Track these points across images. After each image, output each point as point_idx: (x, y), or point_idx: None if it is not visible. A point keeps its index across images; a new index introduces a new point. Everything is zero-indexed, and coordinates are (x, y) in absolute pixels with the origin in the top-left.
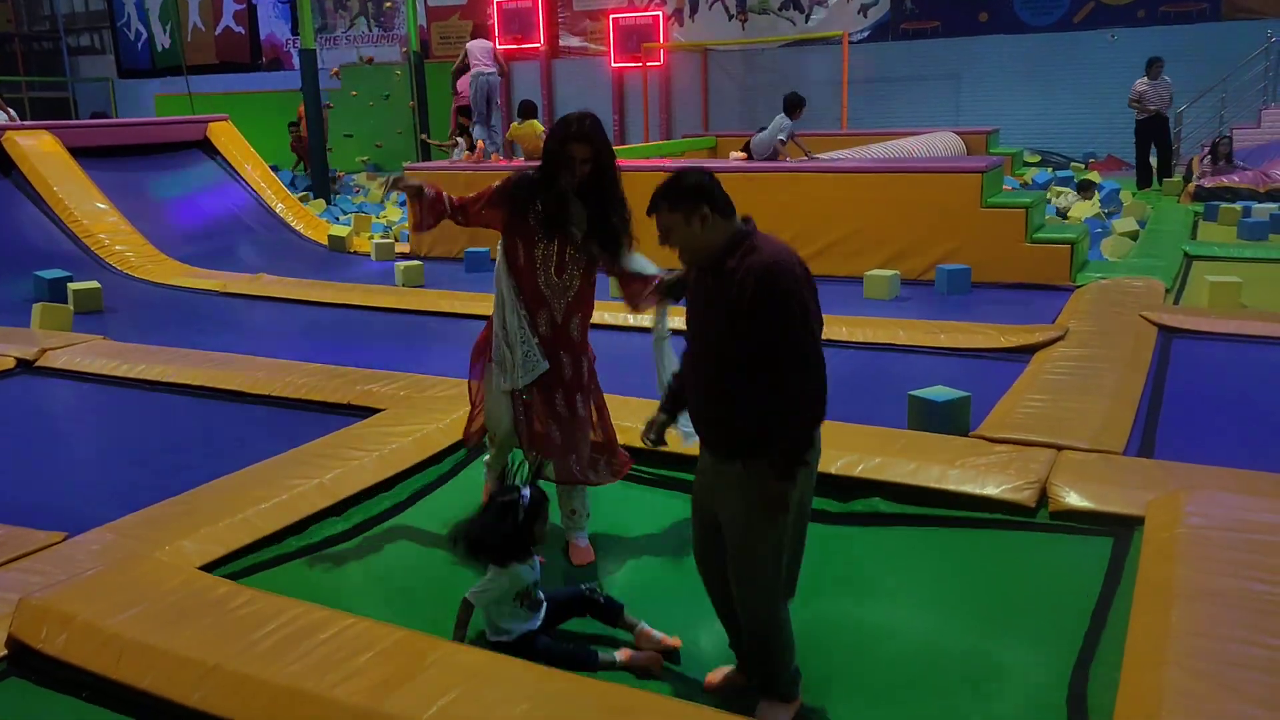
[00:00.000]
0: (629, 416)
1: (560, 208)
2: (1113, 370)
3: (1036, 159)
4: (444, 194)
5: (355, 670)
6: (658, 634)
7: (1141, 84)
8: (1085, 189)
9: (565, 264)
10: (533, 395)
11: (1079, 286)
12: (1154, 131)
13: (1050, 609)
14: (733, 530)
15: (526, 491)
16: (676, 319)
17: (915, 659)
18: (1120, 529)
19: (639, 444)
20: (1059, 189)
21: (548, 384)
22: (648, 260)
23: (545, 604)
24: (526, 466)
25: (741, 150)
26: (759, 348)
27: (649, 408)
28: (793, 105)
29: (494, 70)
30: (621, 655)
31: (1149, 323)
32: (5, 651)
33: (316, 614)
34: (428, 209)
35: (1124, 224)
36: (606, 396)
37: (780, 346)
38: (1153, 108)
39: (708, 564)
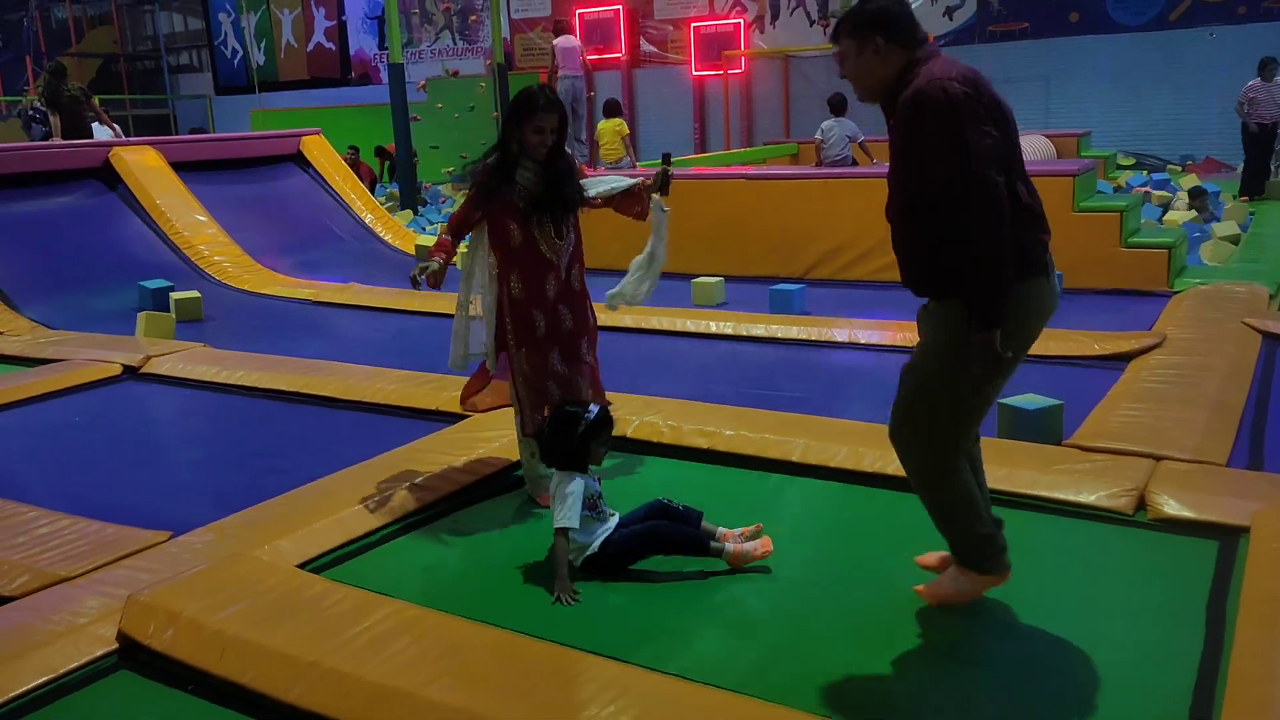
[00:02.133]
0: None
1: (535, 179)
2: (1214, 379)
3: (1130, 162)
4: (444, 240)
5: (447, 669)
6: (747, 545)
7: (1253, 87)
8: (1197, 196)
9: (560, 224)
10: (541, 364)
11: (1177, 292)
12: (1270, 138)
13: (1156, 617)
14: (914, 369)
15: (594, 409)
16: None
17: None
18: (1225, 539)
19: None
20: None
21: (549, 344)
22: (611, 178)
23: (615, 516)
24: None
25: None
26: (916, 185)
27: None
28: (837, 106)
29: (579, 74)
30: (730, 547)
31: (1252, 330)
32: (116, 646)
33: (409, 612)
34: (441, 257)
35: (1224, 228)
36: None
37: (932, 183)
38: (1267, 114)
39: None
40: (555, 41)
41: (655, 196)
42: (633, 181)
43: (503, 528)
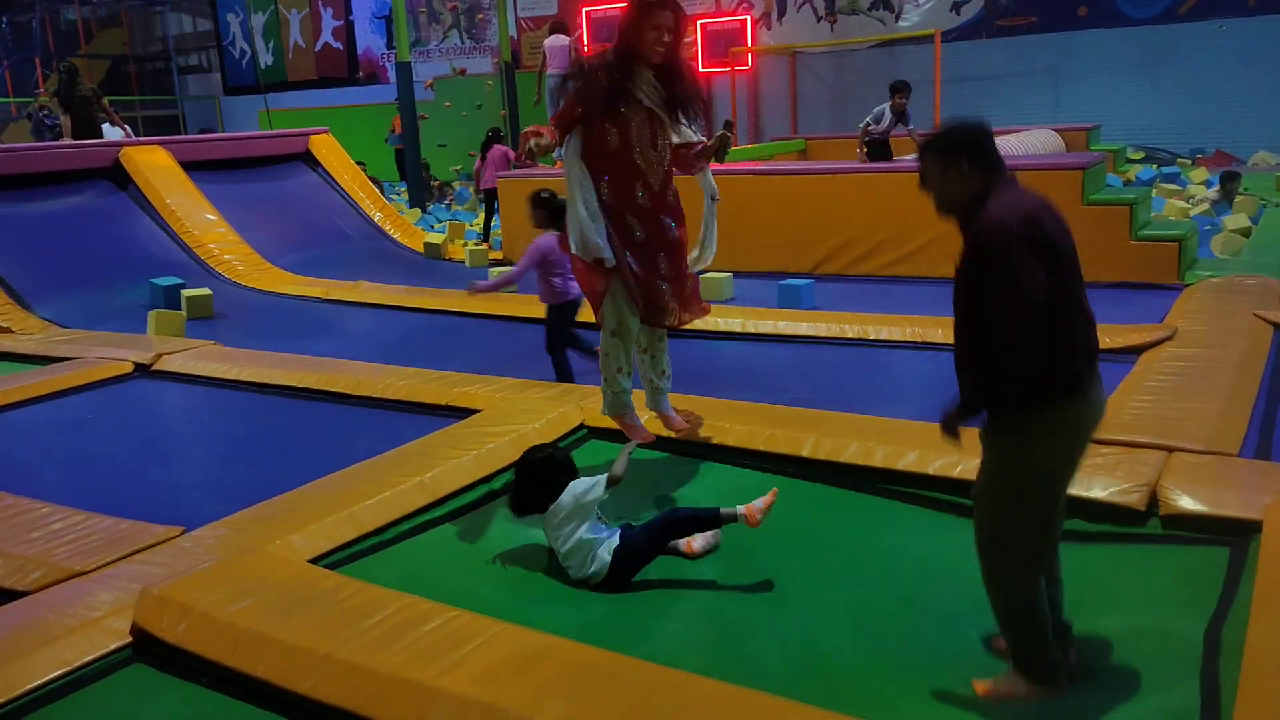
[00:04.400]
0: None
1: (634, 91)
2: (1226, 370)
3: (1140, 155)
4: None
5: (459, 661)
6: (758, 503)
7: None
8: (1229, 180)
9: (656, 136)
10: (651, 266)
11: (1188, 285)
12: None
13: (1167, 612)
14: (979, 494)
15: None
16: None
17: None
18: (1237, 533)
19: None
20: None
21: (654, 250)
22: (693, 132)
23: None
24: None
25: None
26: (969, 307)
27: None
28: (890, 91)
29: (564, 71)
30: (742, 509)
31: (1264, 321)
32: (130, 639)
33: (421, 606)
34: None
35: (1236, 220)
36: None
37: (987, 304)
38: None
39: None
40: (546, 41)
41: (708, 188)
42: (698, 139)
43: (513, 522)
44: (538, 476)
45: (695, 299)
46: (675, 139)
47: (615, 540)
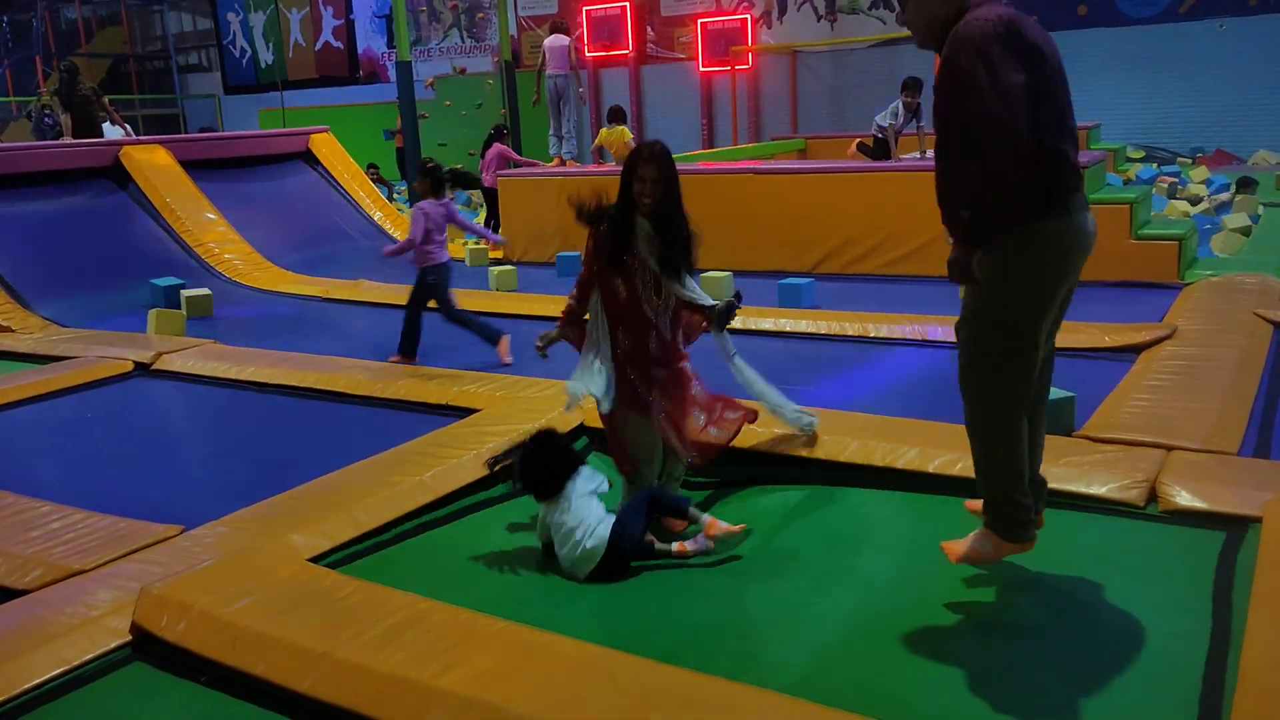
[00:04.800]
0: None
1: (635, 235)
2: (1225, 369)
3: (1140, 155)
4: (568, 310)
5: (458, 660)
6: (724, 523)
7: None
8: (1246, 186)
9: (660, 285)
10: (668, 406)
11: (1188, 284)
12: None
13: (1164, 607)
14: (959, 322)
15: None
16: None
17: (1033, 653)
18: (1234, 529)
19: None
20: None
21: (673, 390)
22: (701, 291)
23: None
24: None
25: (857, 149)
26: (945, 123)
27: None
28: (901, 88)
29: (564, 72)
30: (708, 518)
31: (1264, 320)
32: (129, 638)
33: (420, 605)
34: (571, 329)
35: (1235, 219)
36: None
37: (963, 112)
38: None
39: None
40: (546, 41)
41: (723, 351)
42: (708, 303)
43: (512, 521)
44: (550, 466)
45: (713, 425)
46: (681, 297)
47: (611, 518)
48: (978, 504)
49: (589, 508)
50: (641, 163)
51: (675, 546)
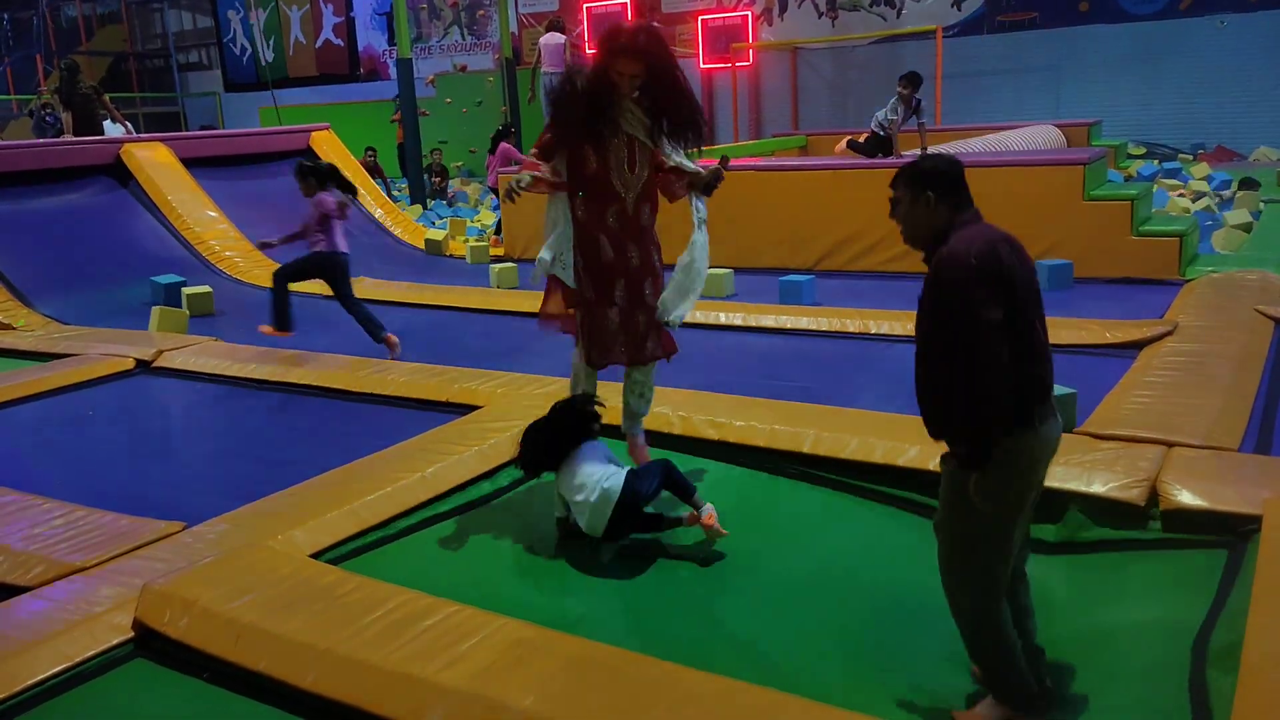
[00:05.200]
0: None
1: (614, 117)
2: (1226, 366)
3: (1141, 151)
4: (531, 163)
5: (460, 656)
6: (716, 525)
7: None
8: (1248, 186)
9: (635, 160)
10: (604, 292)
11: (1188, 280)
12: None
13: (1164, 605)
14: (940, 522)
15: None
16: None
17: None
18: (1236, 528)
19: None
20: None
21: (613, 275)
22: (687, 158)
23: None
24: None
25: (847, 146)
26: (929, 335)
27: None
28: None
29: (559, 70)
30: (707, 509)
31: (1265, 317)
32: (132, 634)
33: (422, 601)
34: (544, 184)
35: (1236, 216)
36: None
37: (941, 337)
38: None
39: None
40: (542, 39)
41: (695, 215)
42: (691, 169)
43: (514, 518)
44: (556, 433)
45: (651, 335)
46: (669, 162)
47: (624, 471)
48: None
49: (600, 465)
50: (619, 56)
51: (688, 515)
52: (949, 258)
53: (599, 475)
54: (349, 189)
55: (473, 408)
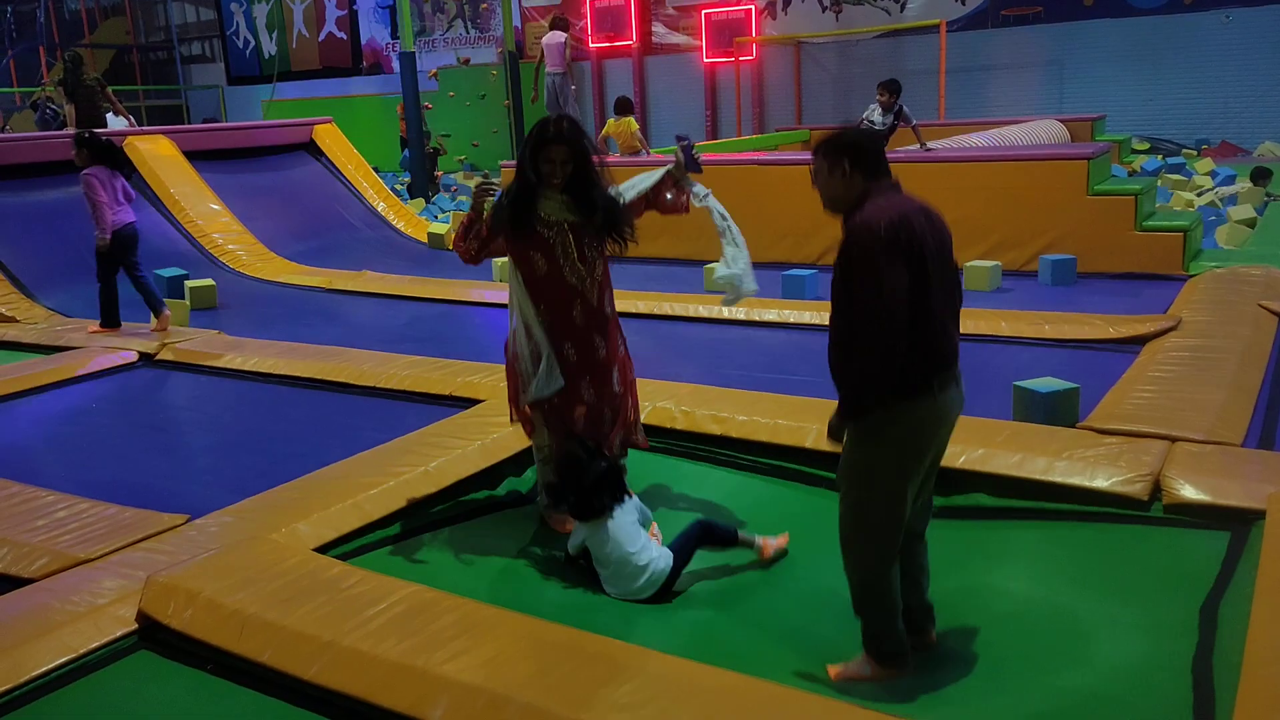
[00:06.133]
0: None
1: (552, 203)
2: (1230, 361)
3: (1145, 146)
4: (477, 225)
5: (462, 649)
6: (774, 541)
7: None
8: (1261, 178)
9: (584, 250)
10: (573, 392)
11: (1192, 276)
12: None
13: (1164, 602)
14: (837, 475)
15: (602, 463)
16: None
17: (1025, 656)
18: (1238, 522)
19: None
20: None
21: (579, 373)
22: (638, 178)
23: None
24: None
25: None
26: (838, 298)
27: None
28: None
29: (560, 70)
30: (760, 541)
31: (1269, 312)
32: (136, 626)
33: (425, 594)
34: (469, 231)
35: (1240, 211)
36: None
37: (848, 300)
38: None
39: None
40: (544, 38)
41: (692, 181)
42: (659, 172)
43: (516, 510)
44: (589, 488)
45: (621, 425)
46: (629, 199)
47: (668, 554)
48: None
49: (640, 536)
50: (548, 144)
51: (761, 542)
52: (860, 225)
53: (642, 558)
54: (121, 167)
55: (475, 401)
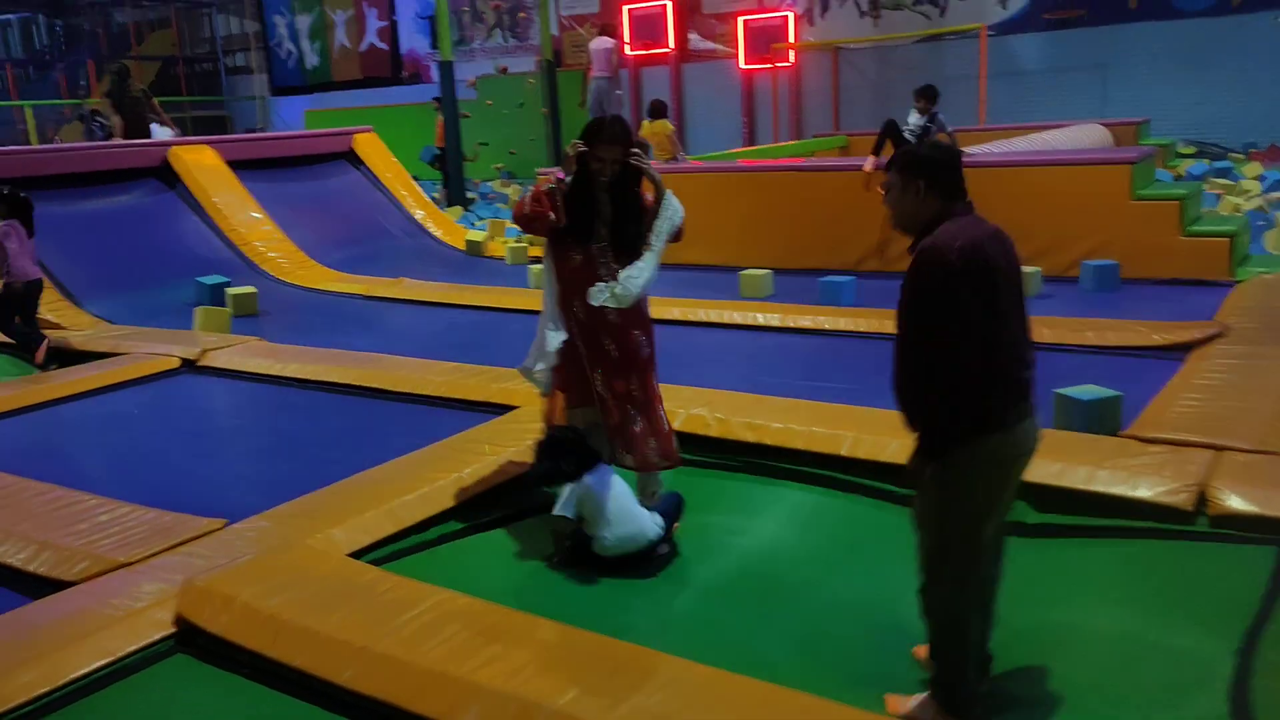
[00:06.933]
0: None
1: (595, 209)
2: (1278, 369)
3: (1191, 150)
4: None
5: (495, 656)
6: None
7: None
8: None
9: (620, 255)
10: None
11: (1239, 282)
12: None
13: (1210, 614)
14: (913, 515)
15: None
16: None
17: (1069, 668)
18: None
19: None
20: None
21: (590, 370)
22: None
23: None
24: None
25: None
26: (907, 325)
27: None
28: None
29: (606, 75)
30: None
31: None
32: (173, 630)
33: (458, 601)
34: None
35: None
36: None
37: (919, 331)
38: None
39: None
40: (591, 44)
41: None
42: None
43: (549, 516)
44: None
45: (644, 436)
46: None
47: (657, 518)
48: (924, 650)
49: (632, 504)
50: (600, 143)
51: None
52: (932, 249)
53: (641, 523)
54: (22, 212)
55: (510, 408)
